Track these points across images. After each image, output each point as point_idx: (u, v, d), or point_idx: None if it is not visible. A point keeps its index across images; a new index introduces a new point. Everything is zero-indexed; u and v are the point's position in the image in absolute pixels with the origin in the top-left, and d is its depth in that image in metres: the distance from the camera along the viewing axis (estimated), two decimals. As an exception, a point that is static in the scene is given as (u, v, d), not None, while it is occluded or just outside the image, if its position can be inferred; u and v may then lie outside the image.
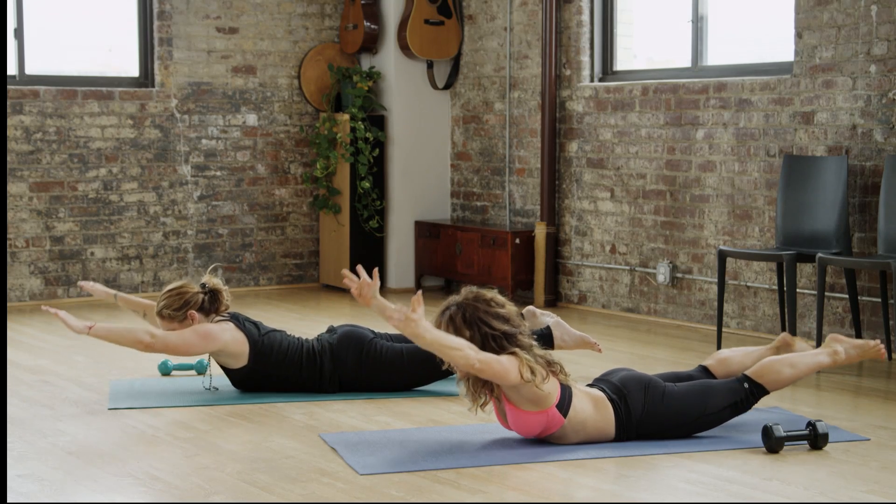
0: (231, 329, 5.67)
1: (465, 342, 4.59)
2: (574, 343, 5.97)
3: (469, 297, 4.74)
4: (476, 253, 8.96)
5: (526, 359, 4.63)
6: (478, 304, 4.70)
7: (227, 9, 9.30)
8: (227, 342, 5.63)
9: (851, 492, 4.28)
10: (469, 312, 4.69)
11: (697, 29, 7.92)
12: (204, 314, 5.77)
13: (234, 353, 5.67)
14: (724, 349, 5.34)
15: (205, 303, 5.78)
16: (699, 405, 4.89)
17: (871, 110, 6.83)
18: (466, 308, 4.70)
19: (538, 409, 4.70)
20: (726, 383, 4.96)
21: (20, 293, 8.66)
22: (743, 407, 4.94)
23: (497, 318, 4.69)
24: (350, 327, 5.92)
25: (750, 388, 4.93)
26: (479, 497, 4.21)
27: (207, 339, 5.60)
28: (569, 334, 5.98)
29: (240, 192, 9.41)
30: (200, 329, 5.61)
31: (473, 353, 4.57)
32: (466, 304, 4.70)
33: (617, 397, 4.87)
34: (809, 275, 7.16)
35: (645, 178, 8.15)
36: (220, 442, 4.94)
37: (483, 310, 4.69)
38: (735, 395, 4.92)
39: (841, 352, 5.11)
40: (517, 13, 9.02)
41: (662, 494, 4.28)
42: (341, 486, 4.33)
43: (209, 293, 5.80)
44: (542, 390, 4.65)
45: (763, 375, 4.95)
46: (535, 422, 4.73)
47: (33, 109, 8.67)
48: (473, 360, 4.55)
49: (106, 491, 4.30)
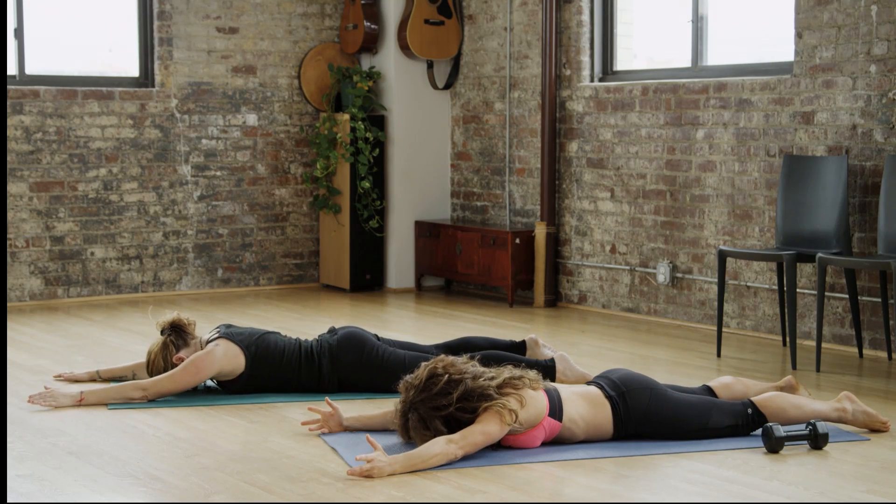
0: (223, 345, 5.66)
1: (438, 441, 4.55)
2: (575, 380, 5.97)
3: (412, 398, 4.68)
4: (476, 253, 8.96)
5: (501, 407, 4.61)
6: (423, 397, 4.65)
7: (228, 9, 9.30)
8: (221, 366, 5.64)
9: (851, 492, 4.29)
10: (423, 411, 4.65)
11: (697, 29, 7.92)
12: (185, 348, 5.77)
13: (232, 370, 5.68)
14: (728, 376, 5.35)
15: (175, 342, 5.78)
16: (702, 418, 4.91)
17: (871, 110, 6.83)
18: (419, 409, 4.65)
19: (534, 425, 4.74)
20: (732, 404, 4.99)
21: (20, 293, 8.66)
22: (742, 431, 4.96)
23: (445, 393, 4.63)
24: (352, 329, 5.90)
25: (753, 415, 4.96)
26: (479, 497, 4.21)
27: (199, 371, 5.61)
28: (571, 370, 5.97)
29: (240, 192, 9.41)
30: (189, 366, 5.60)
31: (453, 447, 4.54)
32: (418, 405, 4.65)
33: (615, 394, 4.88)
34: (809, 275, 7.16)
35: (645, 178, 8.15)
36: (220, 442, 4.94)
37: (429, 399, 4.63)
38: (738, 417, 4.95)
39: (849, 412, 5.12)
40: (517, 13, 9.02)
41: (662, 494, 4.28)
42: (341, 486, 4.33)
43: (172, 331, 5.80)
44: (528, 413, 4.69)
45: (768, 407, 4.98)
46: (535, 437, 4.77)
47: (33, 109, 8.67)
48: (455, 453, 4.55)
49: (106, 491, 4.30)
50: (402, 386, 4.75)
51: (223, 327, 5.81)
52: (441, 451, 4.52)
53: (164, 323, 5.81)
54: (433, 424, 4.62)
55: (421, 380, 4.68)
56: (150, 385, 5.59)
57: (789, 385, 5.38)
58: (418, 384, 4.68)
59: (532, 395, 4.72)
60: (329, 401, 5.06)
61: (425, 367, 4.71)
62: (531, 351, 6.10)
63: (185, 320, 5.82)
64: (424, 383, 4.67)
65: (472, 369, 4.72)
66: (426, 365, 4.73)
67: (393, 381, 5.76)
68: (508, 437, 4.73)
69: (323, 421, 5.06)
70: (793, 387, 5.38)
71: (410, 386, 4.71)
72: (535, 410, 4.72)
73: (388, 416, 5.00)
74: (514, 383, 4.71)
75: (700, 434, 4.91)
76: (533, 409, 4.71)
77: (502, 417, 4.60)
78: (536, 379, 4.78)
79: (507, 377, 4.71)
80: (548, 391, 4.80)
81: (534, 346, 6.12)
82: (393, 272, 9.51)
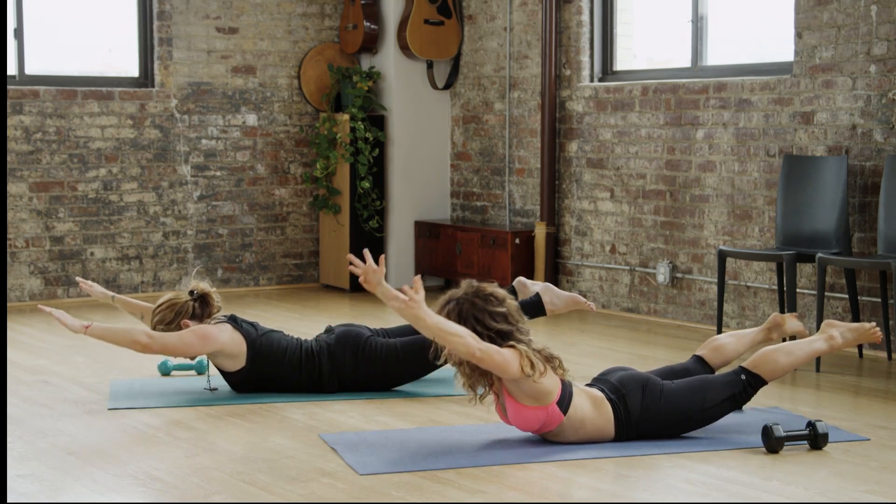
0: (229, 330, 5.67)
1: (466, 330, 4.57)
2: (565, 305, 5.95)
3: (468, 293, 4.72)
4: (476, 253, 8.97)
5: (526, 352, 4.63)
6: (476, 301, 4.69)
7: (227, 9, 9.31)
8: (225, 343, 5.64)
9: (851, 492, 4.29)
10: (465, 308, 4.68)
11: (697, 29, 7.93)
12: (196, 320, 5.76)
13: (232, 353, 5.67)
14: (718, 335, 5.34)
15: (195, 309, 5.77)
16: (698, 400, 4.88)
17: (870, 110, 6.83)
18: (464, 304, 4.68)
19: (538, 404, 4.69)
20: (723, 377, 4.96)
21: (20, 293, 8.67)
22: (741, 399, 4.93)
23: (494, 315, 4.68)
24: (346, 327, 5.93)
25: (747, 380, 4.92)
26: (478, 497, 4.21)
27: (205, 339, 5.60)
28: (558, 297, 5.96)
29: (240, 192, 9.42)
30: (198, 330, 5.61)
31: (474, 341, 4.55)
32: (464, 300, 4.69)
33: (616, 397, 4.87)
34: (809, 275, 7.17)
35: (645, 178, 8.16)
36: (220, 442, 4.95)
37: (480, 307, 4.68)
38: (733, 387, 4.91)
39: (837, 336, 5.11)
40: (517, 13, 9.03)
41: (662, 494, 4.28)
42: (341, 486, 4.33)
43: (198, 299, 5.79)
44: (541, 385, 4.65)
45: (760, 366, 4.94)
46: (534, 417, 4.72)
47: (33, 109, 8.67)
48: (474, 348, 4.54)
49: (106, 491, 4.30)
50: (466, 282, 4.76)
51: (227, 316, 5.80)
52: (465, 336, 4.52)
53: (200, 289, 5.79)
54: (468, 323, 4.63)
55: (484, 292, 4.70)
56: (158, 336, 5.55)
57: (776, 324, 5.37)
58: (480, 292, 4.69)
59: (553, 376, 4.71)
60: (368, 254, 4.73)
61: (491, 285, 4.74)
62: (520, 293, 6.08)
63: (215, 299, 5.83)
64: (485, 296, 4.70)
65: (523, 326, 4.74)
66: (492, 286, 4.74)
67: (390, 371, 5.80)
68: (509, 401, 4.70)
69: (364, 270, 4.64)
70: (779, 324, 5.37)
71: (472, 286, 4.72)
72: (547, 388, 4.68)
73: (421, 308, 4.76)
74: (547, 354, 4.72)
75: (702, 416, 4.88)
76: (546, 385, 4.68)
77: (522, 360, 4.60)
78: (563, 368, 4.78)
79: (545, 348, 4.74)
80: (564, 383, 4.78)
81: (522, 288, 6.11)
82: (393, 272, 9.51)
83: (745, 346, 5.28)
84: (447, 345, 4.56)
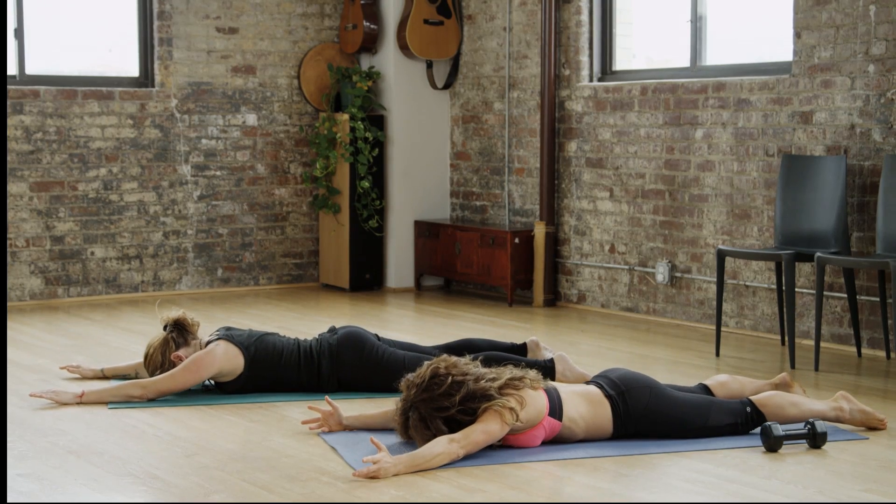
0: (222, 346, 5.68)
1: (440, 441, 4.55)
2: (574, 379, 5.98)
3: (415, 395, 4.67)
4: (475, 252, 8.97)
5: (501, 407, 4.62)
6: (424, 397, 4.64)
7: (227, 9, 9.32)
8: (221, 366, 5.66)
9: (849, 490, 4.30)
10: (423, 410, 4.64)
11: (696, 29, 7.94)
12: (185, 347, 5.79)
13: (231, 370, 5.70)
14: (724, 375, 5.36)
15: (176, 339, 5.79)
16: (702, 416, 4.93)
17: (869, 110, 6.84)
18: (419, 408, 4.65)
19: (534, 425, 4.76)
20: (731, 403, 5.01)
21: (20, 293, 8.68)
22: (741, 430, 4.98)
23: (449, 394, 4.63)
24: (352, 328, 5.92)
25: (752, 414, 4.98)
26: (478, 496, 4.22)
27: (199, 370, 5.62)
28: (570, 370, 5.98)
29: (239, 191, 9.43)
30: (189, 364, 5.62)
31: (455, 445, 4.55)
32: (418, 404, 4.65)
33: (615, 393, 4.90)
34: (808, 274, 7.18)
35: (644, 177, 8.17)
36: (220, 441, 4.96)
37: (433, 397, 4.63)
38: (737, 416, 4.97)
39: (846, 412, 5.15)
40: (516, 13, 9.04)
41: (661, 493, 4.29)
42: (341, 485, 4.35)
43: (174, 328, 5.81)
44: (529, 412, 4.70)
45: (767, 406, 5.00)
46: (536, 436, 4.78)
47: (34, 109, 8.68)
48: (458, 453, 4.56)
49: (106, 490, 4.32)
50: (404, 384, 4.75)
51: (223, 330, 5.83)
52: (444, 451, 4.53)
53: (169, 319, 5.82)
54: (434, 424, 4.62)
55: (424, 379, 4.68)
56: (149, 384, 5.61)
57: (784, 382, 5.40)
58: (420, 383, 4.67)
59: (532, 394, 4.74)
60: (329, 400, 5.07)
61: (428, 367, 4.71)
62: (532, 353, 6.11)
63: (189, 320, 5.84)
64: (427, 383, 4.67)
65: (474, 370, 4.72)
66: (429, 364, 4.72)
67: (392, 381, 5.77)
68: (509, 436, 4.74)
69: (323, 420, 5.08)
70: (787, 384, 5.39)
71: (412, 385, 4.71)
72: (536, 410, 4.73)
73: (388, 416, 5.01)
74: (514, 384, 4.72)
75: (700, 433, 4.93)
76: (533, 408, 4.72)
77: (503, 417, 4.62)
78: (537, 379, 4.79)
79: (508, 378, 4.72)
80: (548, 391, 4.81)
81: (535, 348, 6.14)
82: (392, 272, 9.52)
83: (749, 392, 5.29)
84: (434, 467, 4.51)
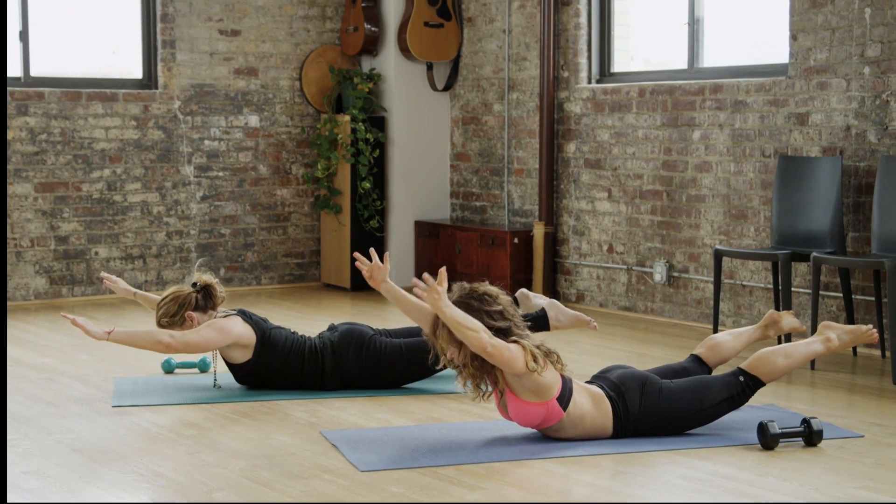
0: (240, 322, 5.73)
1: (481, 325, 4.63)
2: (569, 322, 5.97)
3: (463, 296, 4.76)
4: (475, 252, 9.01)
5: (529, 347, 4.68)
6: (471, 302, 4.72)
7: (230, 11, 9.36)
8: (240, 334, 5.69)
9: (846, 488, 4.32)
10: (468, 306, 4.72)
11: (693, 31, 7.97)
12: (201, 312, 5.80)
13: (245, 345, 5.72)
14: (715, 334, 5.38)
15: (199, 301, 5.80)
16: (696, 400, 4.92)
17: (864, 112, 6.88)
18: (460, 307, 4.69)
19: (539, 400, 4.73)
20: (721, 378, 4.99)
21: (25, 292, 8.73)
22: (739, 400, 4.96)
23: (492, 314, 4.71)
24: (350, 325, 5.98)
25: (745, 381, 4.95)
26: (478, 494, 4.24)
27: (223, 332, 5.65)
28: (563, 314, 5.98)
29: (242, 192, 9.47)
30: (215, 324, 5.66)
31: (487, 336, 4.60)
32: (460, 304, 4.71)
33: (615, 394, 4.89)
34: (804, 274, 7.22)
35: (642, 178, 8.21)
36: (223, 439, 4.99)
37: (476, 308, 4.71)
38: (731, 388, 4.94)
39: (834, 338, 5.15)
40: (516, 16, 9.08)
41: (659, 491, 4.31)
42: (342, 482, 4.37)
43: (201, 290, 5.83)
44: (542, 379, 4.68)
45: (758, 367, 4.97)
46: (535, 413, 4.75)
47: (38, 111, 8.73)
48: (487, 343, 4.59)
49: (110, 488, 4.34)
50: (458, 286, 4.80)
51: (237, 309, 5.86)
52: (480, 332, 4.58)
53: (202, 281, 5.83)
54: None
55: (478, 292, 4.75)
56: (178, 335, 5.58)
57: (772, 321, 5.40)
58: (474, 293, 4.75)
59: (552, 371, 4.76)
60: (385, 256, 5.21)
61: (483, 284, 4.79)
62: (523, 305, 6.09)
63: (219, 291, 5.86)
64: (480, 296, 4.74)
65: (519, 321, 4.79)
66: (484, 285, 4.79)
67: (393, 371, 5.84)
68: (511, 397, 4.74)
69: (370, 269, 5.16)
70: (776, 321, 5.39)
71: (466, 289, 4.77)
72: (548, 383, 4.71)
73: (422, 309, 5.04)
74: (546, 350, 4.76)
75: (699, 416, 4.92)
76: (547, 380, 4.71)
77: (527, 356, 4.64)
78: (562, 363, 4.81)
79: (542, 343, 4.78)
80: (564, 379, 4.81)
81: (524, 299, 6.13)
82: (393, 271, 9.55)
83: (742, 343, 5.31)
84: (462, 338, 4.60)
